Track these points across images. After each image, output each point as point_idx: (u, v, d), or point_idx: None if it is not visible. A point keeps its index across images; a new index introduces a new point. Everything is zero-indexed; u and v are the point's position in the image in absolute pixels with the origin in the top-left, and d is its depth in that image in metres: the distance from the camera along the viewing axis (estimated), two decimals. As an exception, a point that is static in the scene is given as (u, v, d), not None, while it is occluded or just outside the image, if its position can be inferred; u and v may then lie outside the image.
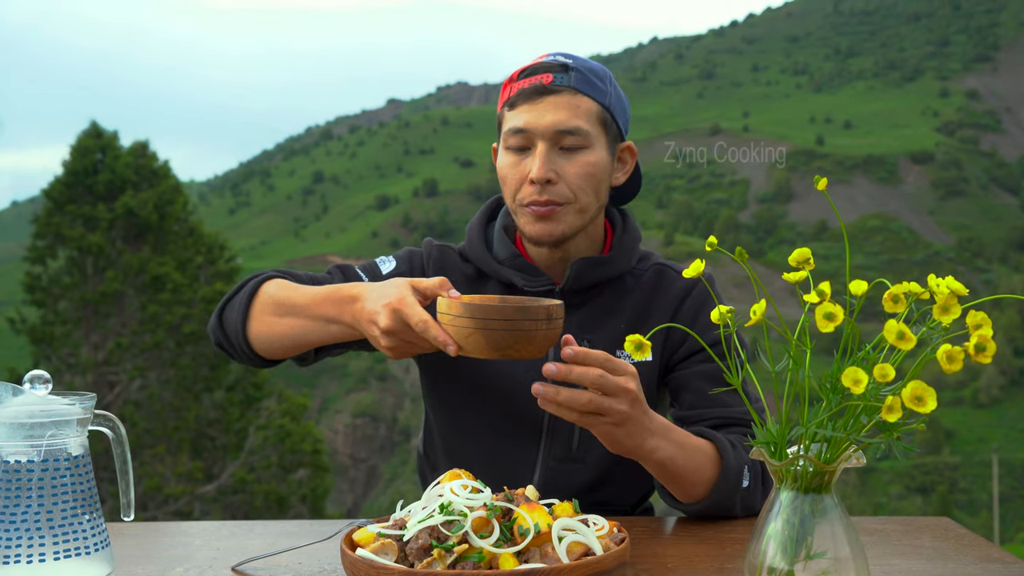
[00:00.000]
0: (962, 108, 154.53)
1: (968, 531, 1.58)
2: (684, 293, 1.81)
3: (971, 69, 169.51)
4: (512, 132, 1.71)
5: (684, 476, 1.58)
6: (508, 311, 1.39)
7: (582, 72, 1.72)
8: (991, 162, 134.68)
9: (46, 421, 1.20)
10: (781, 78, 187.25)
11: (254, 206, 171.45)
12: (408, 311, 1.45)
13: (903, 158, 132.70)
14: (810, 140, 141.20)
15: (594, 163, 1.71)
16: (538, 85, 1.70)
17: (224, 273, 19.77)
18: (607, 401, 1.40)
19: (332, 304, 1.60)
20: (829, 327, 1.02)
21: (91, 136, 20.52)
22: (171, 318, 18.34)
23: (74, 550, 1.20)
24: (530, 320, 1.40)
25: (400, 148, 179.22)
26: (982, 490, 55.35)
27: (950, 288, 1.02)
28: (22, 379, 1.23)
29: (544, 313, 1.41)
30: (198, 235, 20.03)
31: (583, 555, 1.22)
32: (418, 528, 1.22)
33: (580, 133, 1.69)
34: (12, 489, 1.18)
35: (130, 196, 19.35)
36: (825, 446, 1.12)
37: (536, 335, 1.40)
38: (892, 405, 1.00)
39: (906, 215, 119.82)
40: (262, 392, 19.12)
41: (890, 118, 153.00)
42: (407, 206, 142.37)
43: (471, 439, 1.82)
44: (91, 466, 1.26)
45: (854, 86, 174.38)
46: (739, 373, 1.17)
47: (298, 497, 19.03)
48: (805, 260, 1.17)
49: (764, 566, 1.15)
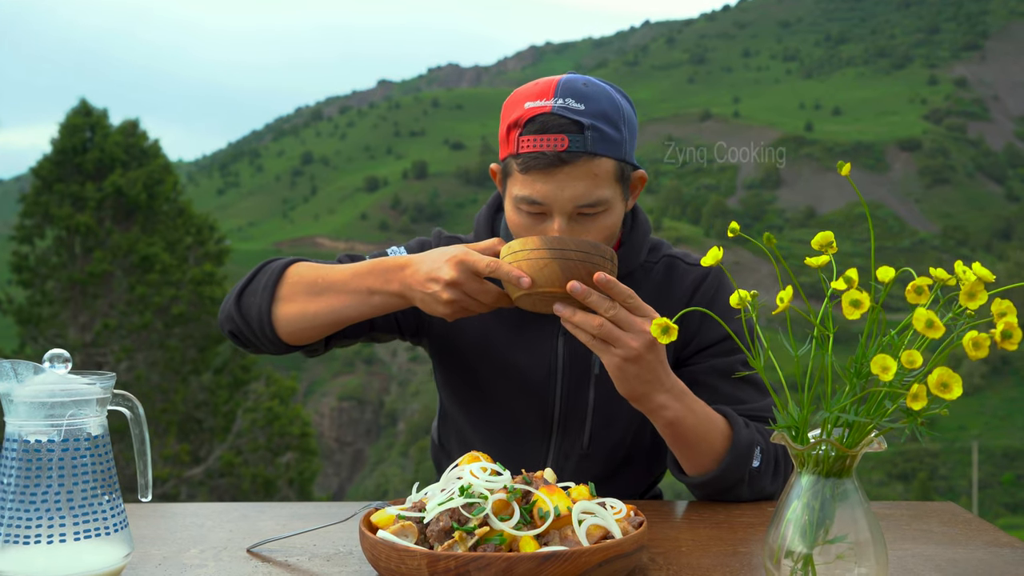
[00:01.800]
0: (950, 96, 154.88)
1: (975, 516, 1.59)
2: (694, 286, 1.80)
3: (960, 57, 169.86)
4: (526, 201, 1.60)
5: (693, 442, 1.59)
6: (584, 244, 1.48)
7: (597, 127, 1.58)
8: (978, 151, 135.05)
9: (67, 400, 1.19)
10: (772, 64, 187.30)
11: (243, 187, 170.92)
12: (474, 259, 1.50)
13: (891, 145, 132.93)
14: (799, 127, 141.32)
15: (613, 222, 1.64)
16: (552, 156, 1.56)
17: (214, 254, 19.70)
18: (618, 332, 1.46)
19: (376, 275, 1.60)
20: (855, 314, 1.02)
21: (80, 114, 20.35)
22: (160, 299, 18.26)
23: (94, 531, 1.19)
24: (600, 256, 1.49)
25: (390, 130, 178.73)
26: (961, 477, 55.70)
27: (977, 274, 1.03)
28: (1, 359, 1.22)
29: (609, 253, 1.51)
30: (188, 215, 19.93)
31: (602, 538, 1.22)
32: (438, 510, 1.22)
33: (600, 203, 1.60)
34: (32, 469, 1.18)
35: (119, 175, 19.21)
36: (847, 431, 1.12)
37: (604, 270, 1.48)
38: (917, 393, 1.00)
39: (893, 202, 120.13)
40: (250, 375, 19.09)
41: (879, 105, 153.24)
42: (396, 188, 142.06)
43: (483, 433, 1.82)
44: (110, 446, 1.25)
45: (844, 73, 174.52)
46: (761, 359, 1.18)
47: (285, 480, 19.03)
48: (828, 244, 1.17)
49: (784, 549, 1.15)
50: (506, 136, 1.63)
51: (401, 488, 53.00)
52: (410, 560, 1.17)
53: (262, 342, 1.73)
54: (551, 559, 1.14)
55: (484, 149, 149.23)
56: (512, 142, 1.61)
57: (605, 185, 1.60)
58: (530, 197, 1.59)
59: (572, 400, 1.76)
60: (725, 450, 1.61)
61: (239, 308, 1.73)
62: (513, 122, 1.61)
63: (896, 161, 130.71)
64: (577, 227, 1.61)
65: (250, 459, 18.59)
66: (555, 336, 1.76)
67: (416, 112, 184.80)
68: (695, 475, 1.64)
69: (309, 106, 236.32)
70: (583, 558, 1.16)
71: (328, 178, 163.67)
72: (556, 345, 1.76)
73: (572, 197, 1.58)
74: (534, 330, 1.77)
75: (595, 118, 1.58)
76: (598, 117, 1.59)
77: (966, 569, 1.30)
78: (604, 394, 1.75)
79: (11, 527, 1.17)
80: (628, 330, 1.46)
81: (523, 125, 1.59)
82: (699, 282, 1.80)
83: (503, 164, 1.66)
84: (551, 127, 1.57)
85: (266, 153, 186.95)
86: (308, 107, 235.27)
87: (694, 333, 1.77)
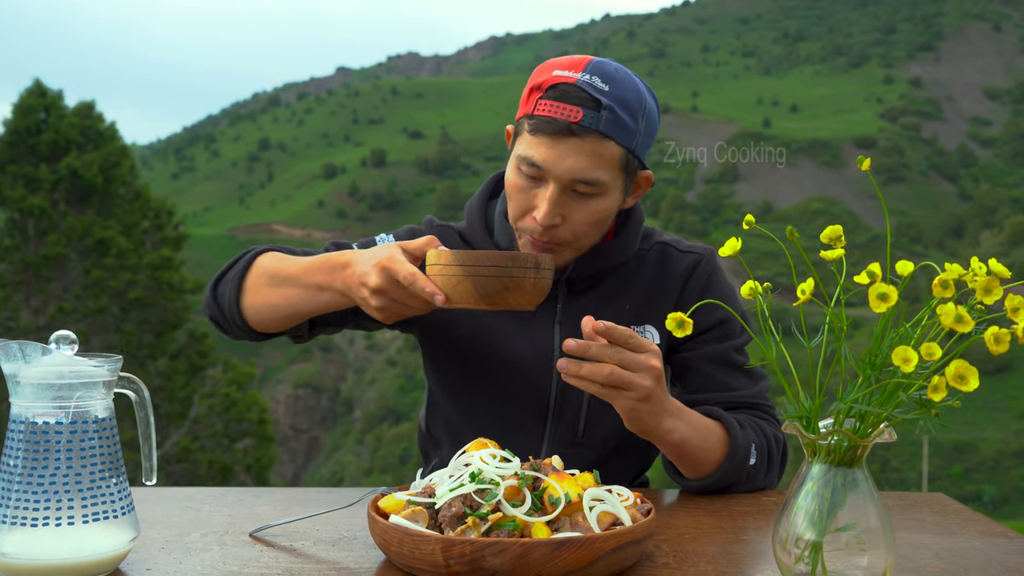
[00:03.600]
0: (905, 95, 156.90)
1: (964, 507, 1.62)
2: (687, 273, 1.81)
3: (915, 57, 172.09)
4: (526, 162, 1.62)
5: (695, 456, 1.60)
6: (497, 257, 1.42)
7: (614, 111, 1.58)
8: (931, 150, 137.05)
9: (75, 382, 1.18)
10: (730, 59, 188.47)
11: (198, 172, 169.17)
12: (396, 267, 1.45)
13: (847, 143, 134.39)
14: (757, 122, 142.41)
15: (605, 209, 1.65)
16: (563, 124, 1.57)
17: (171, 239, 19.48)
18: (628, 376, 1.42)
19: (324, 271, 1.58)
20: (882, 307, 1.04)
21: (34, 95, 20.03)
22: (115, 284, 18.05)
23: (102, 514, 1.18)
24: (519, 267, 1.42)
25: (348, 117, 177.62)
26: (912, 469, 56.66)
27: (992, 270, 1.04)
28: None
29: (532, 262, 1.43)
30: (145, 199, 19.68)
31: (611, 525, 1.23)
32: (450, 496, 1.22)
33: (596, 184, 1.60)
34: (40, 451, 1.16)
35: (74, 157, 18.94)
36: (859, 421, 1.14)
37: (524, 283, 1.43)
38: (938, 385, 1.01)
39: (848, 199, 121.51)
40: (207, 360, 18.93)
41: (835, 103, 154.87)
42: (354, 176, 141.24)
43: (476, 421, 1.81)
44: (116, 429, 1.24)
45: (801, 70, 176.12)
46: (773, 348, 1.19)
47: (242, 467, 18.91)
48: (837, 238, 1.19)
49: (794, 537, 1.17)
50: (527, 98, 1.65)
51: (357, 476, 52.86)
52: (424, 545, 1.16)
53: (237, 330, 1.74)
54: (566, 545, 1.15)
55: (443, 139, 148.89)
56: (530, 104, 1.62)
57: (607, 168, 1.60)
58: (531, 159, 1.60)
59: (568, 387, 1.76)
60: (724, 455, 1.63)
61: (215, 297, 1.74)
62: (536, 85, 1.63)
63: (852, 158, 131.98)
64: (568, 202, 1.62)
65: (207, 445, 18.45)
66: (552, 323, 1.77)
67: (375, 100, 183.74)
68: (693, 479, 1.65)
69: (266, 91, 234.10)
70: (597, 544, 1.16)
71: (285, 165, 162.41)
72: (553, 332, 1.76)
73: (570, 169, 1.59)
74: (531, 319, 1.77)
75: (615, 101, 1.59)
76: (618, 102, 1.59)
77: (964, 557, 1.33)
78: None
79: (18, 509, 1.15)
80: (637, 371, 1.43)
81: (545, 90, 1.61)
82: (693, 268, 1.81)
83: (516, 124, 1.68)
84: (570, 97, 1.58)
85: (222, 138, 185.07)
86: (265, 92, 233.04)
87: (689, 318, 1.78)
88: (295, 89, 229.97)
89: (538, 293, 1.45)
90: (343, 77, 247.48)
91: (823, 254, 1.17)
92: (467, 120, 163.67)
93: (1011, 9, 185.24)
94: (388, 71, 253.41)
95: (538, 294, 1.45)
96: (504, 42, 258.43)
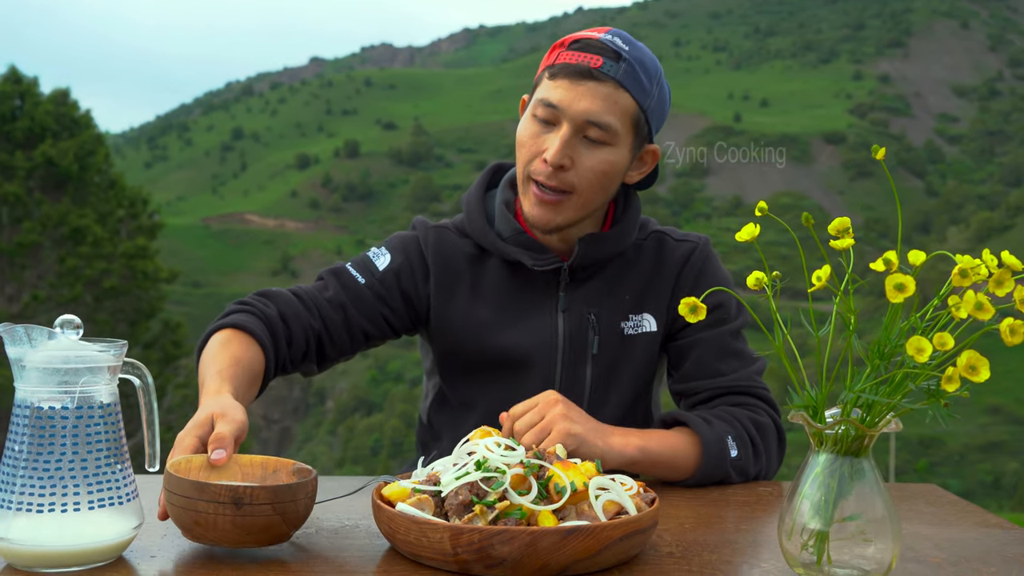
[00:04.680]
0: (874, 92, 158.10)
1: (958, 498, 1.64)
2: (683, 260, 1.83)
3: (884, 54, 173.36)
4: (543, 103, 1.66)
5: (666, 462, 1.61)
6: (186, 486, 1.17)
7: (632, 65, 1.65)
8: (899, 145, 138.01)
9: (81, 367, 1.16)
10: (702, 54, 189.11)
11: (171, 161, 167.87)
12: (174, 458, 1.29)
13: (816, 138, 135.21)
14: (728, 117, 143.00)
15: (612, 161, 1.68)
16: (583, 67, 1.64)
17: (146, 228, 19.31)
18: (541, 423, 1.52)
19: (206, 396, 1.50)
20: (899, 298, 1.04)
21: (10, 81, 19.76)
22: (90, 272, 17.88)
23: (107, 500, 1.17)
24: (207, 501, 1.15)
25: (322, 107, 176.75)
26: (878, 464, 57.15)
27: (1005, 263, 1.05)
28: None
29: (230, 495, 1.15)
30: (120, 188, 19.48)
31: (616, 514, 1.23)
32: (457, 484, 1.22)
33: (608, 129, 1.65)
34: (45, 436, 1.15)
35: (50, 145, 18.72)
36: (867, 411, 1.15)
37: (219, 520, 1.16)
38: (952, 376, 1.02)
39: (817, 194, 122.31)
40: (181, 351, 18.82)
41: (805, 98, 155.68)
42: (328, 166, 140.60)
43: (479, 414, 1.81)
44: (120, 415, 1.23)
45: (772, 65, 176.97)
46: (781, 338, 1.19)
47: (214, 457, 18.79)
48: (845, 229, 1.20)
49: (799, 527, 1.17)
50: (548, 56, 1.72)
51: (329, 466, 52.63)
52: (432, 533, 1.16)
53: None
54: (574, 533, 1.15)
55: (416, 130, 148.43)
56: (552, 57, 1.70)
57: (619, 117, 1.66)
58: (548, 100, 1.66)
59: (571, 377, 1.77)
60: (698, 455, 1.63)
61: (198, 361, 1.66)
62: (560, 43, 1.71)
63: (821, 153, 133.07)
64: (578, 146, 1.66)
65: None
66: (555, 312, 1.77)
67: (348, 90, 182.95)
68: (678, 481, 1.66)
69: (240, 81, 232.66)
70: (605, 533, 1.17)
71: (258, 154, 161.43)
72: (556, 321, 1.77)
73: (585, 111, 1.63)
74: (534, 308, 1.78)
75: (634, 59, 1.67)
76: (637, 61, 1.67)
77: (964, 548, 1.34)
78: (601, 372, 1.77)
79: (23, 495, 1.14)
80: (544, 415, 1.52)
81: (567, 44, 1.69)
82: (688, 255, 1.83)
83: (536, 81, 1.73)
84: (592, 47, 1.66)
85: (195, 127, 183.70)
86: (239, 82, 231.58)
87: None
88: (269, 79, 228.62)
89: (244, 533, 1.16)
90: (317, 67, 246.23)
91: (833, 243, 1.18)
92: (440, 112, 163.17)
93: (979, 7, 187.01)
94: (362, 62, 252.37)
95: (247, 536, 1.17)
96: (477, 34, 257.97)
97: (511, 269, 1.79)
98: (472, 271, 1.80)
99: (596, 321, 1.76)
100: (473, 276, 1.80)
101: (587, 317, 1.76)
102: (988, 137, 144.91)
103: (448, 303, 1.79)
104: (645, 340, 1.79)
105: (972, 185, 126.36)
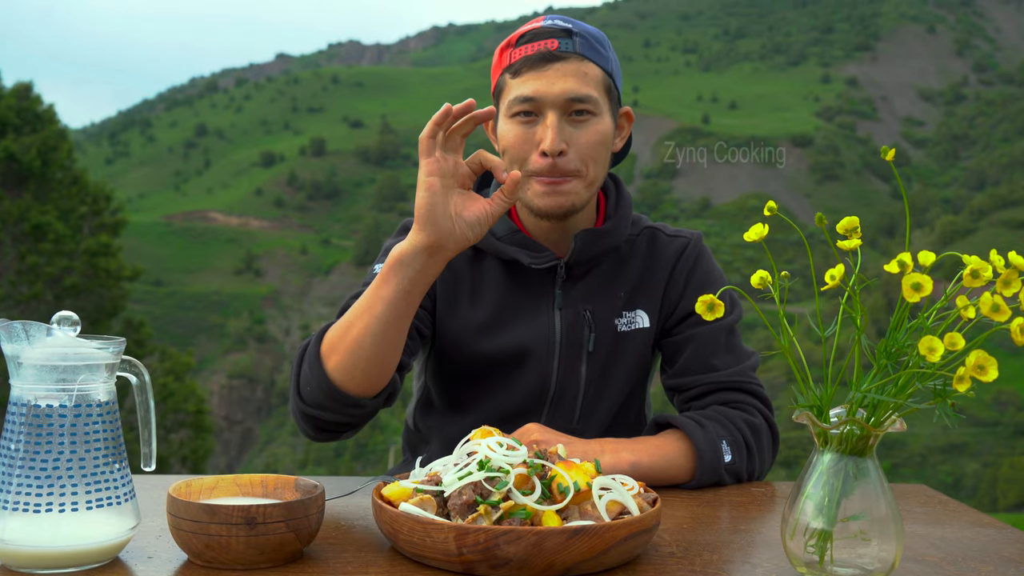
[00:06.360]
0: (841, 95, 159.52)
1: (950, 498, 1.65)
2: (675, 256, 1.83)
3: (852, 57, 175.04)
4: (519, 100, 1.66)
5: (661, 470, 1.61)
6: (194, 509, 1.14)
7: (586, 38, 1.68)
8: (866, 149, 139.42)
9: (79, 365, 1.14)
10: (671, 55, 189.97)
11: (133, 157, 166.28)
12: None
13: (784, 140, 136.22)
14: (697, 118, 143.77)
15: (601, 131, 1.69)
16: (545, 52, 1.65)
17: (109, 225, 19.08)
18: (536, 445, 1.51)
19: (385, 268, 1.48)
20: (916, 297, 1.04)
21: (-31, 75, 19.52)
22: (52, 270, 17.65)
23: (105, 500, 1.15)
24: (219, 523, 1.13)
25: (288, 104, 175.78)
26: (845, 464, 57.80)
27: (1012, 263, 1.06)
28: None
29: (242, 515, 1.13)
30: (83, 184, 19.25)
31: (619, 514, 1.23)
32: (460, 484, 1.20)
33: (590, 101, 1.66)
34: (43, 435, 1.12)
35: (11, 140, 18.46)
36: (872, 411, 1.15)
37: (231, 543, 1.14)
38: (963, 376, 1.02)
39: (784, 196, 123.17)
40: (144, 350, 18.64)
41: (773, 101, 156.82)
42: (293, 164, 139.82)
43: (472, 414, 1.80)
44: (118, 413, 1.21)
45: (740, 67, 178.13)
46: (788, 337, 1.19)
47: (178, 458, 18.64)
48: (853, 229, 1.20)
49: (803, 526, 1.17)
50: (499, 58, 1.73)
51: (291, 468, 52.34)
52: (437, 533, 1.15)
53: (346, 413, 1.57)
54: (579, 534, 1.14)
55: (384, 128, 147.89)
56: (505, 59, 1.70)
57: (594, 87, 1.68)
58: (523, 95, 1.66)
59: (567, 375, 1.76)
60: (692, 463, 1.63)
61: (302, 399, 1.58)
62: (506, 44, 1.72)
63: (788, 156, 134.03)
64: (569, 129, 1.66)
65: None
66: (551, 309, 1.77)
67: (315, 88, 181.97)
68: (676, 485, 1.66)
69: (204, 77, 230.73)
70: (610, 533, 1.16)
71: (223, 152, 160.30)
72: (553, 318, 1.76)
73: (563, 91, 1.64)
74: (532, 307, 1.77)
75: (583, 32, 1.70)
76: (587, 33, 1.70)
77: (958, 547, 1.35)
78: (596, 369, 1.77)
79: (19, 495, 1.12)
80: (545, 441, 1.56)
81: (515, 41, 1.70)
82: (681, 251, 1.83)
83: (496, 89, 1.73)
84: (542, 34, 1.68)
85: (158, 123, 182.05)
86: (203, 78, 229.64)
87: (676, 302, 1.80)
88: (234, 75, 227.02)
89: (257, 553, 1.14)
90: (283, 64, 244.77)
91: (840, 243, 1.18)
92: (408, 110, 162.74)
93: (945, 12, 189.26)
94: (329, 59, 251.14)
95: (258, 554, 1.15)
96: (446, 32, 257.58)
97: (508, 268, 1.78)
98: (470, 272, 1.79)
99: (592, 318, 1.76)
100: (472, 277, 1.79)
101: (583, 314, 1.76)
102: (953, 141, 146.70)
103: (451, 305, 1.78)
104: (638, 336, 1.79)
105: (937, 189, 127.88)
